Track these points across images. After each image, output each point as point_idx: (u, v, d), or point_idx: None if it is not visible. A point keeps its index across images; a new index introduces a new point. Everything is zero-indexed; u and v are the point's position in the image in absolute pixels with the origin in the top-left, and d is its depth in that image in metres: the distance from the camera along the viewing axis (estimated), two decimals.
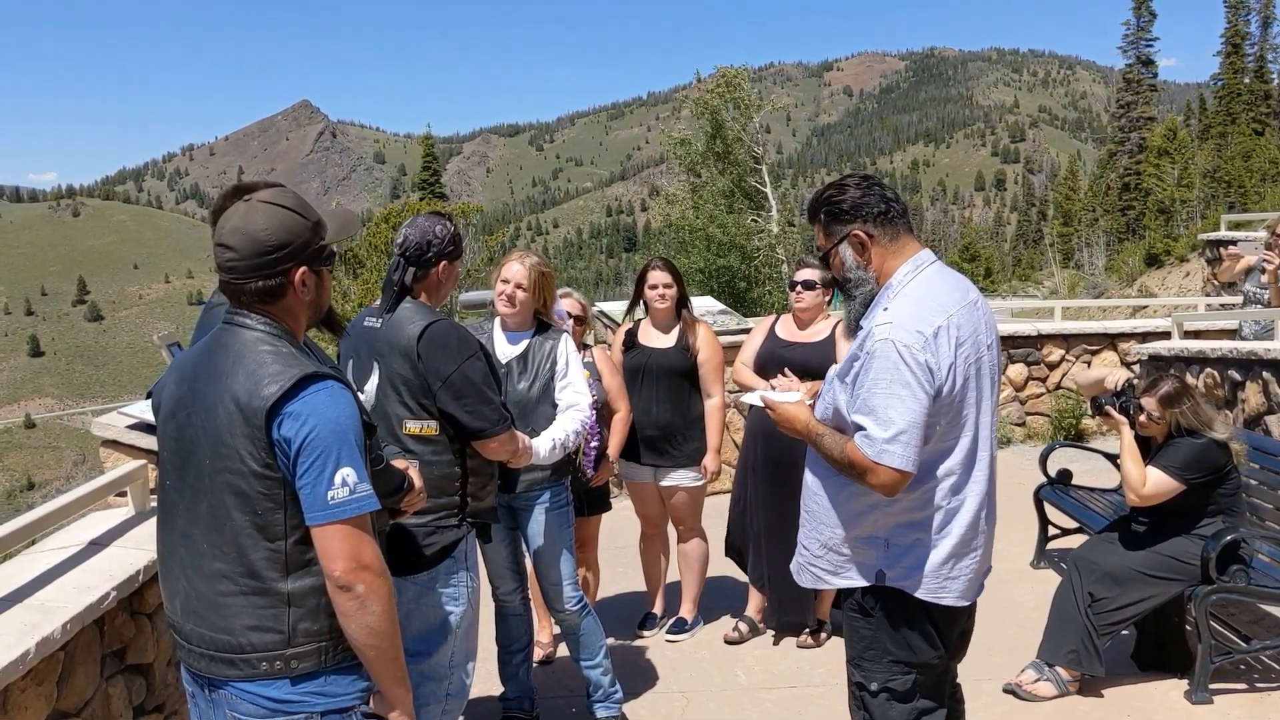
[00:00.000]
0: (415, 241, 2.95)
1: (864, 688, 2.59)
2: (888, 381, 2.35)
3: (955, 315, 2.44)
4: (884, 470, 2.35)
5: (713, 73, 30.04)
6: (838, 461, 2.47)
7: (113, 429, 4.04)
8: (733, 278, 27.49)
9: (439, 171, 54.96)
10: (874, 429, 2.36)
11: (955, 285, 2.55)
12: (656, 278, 4.65)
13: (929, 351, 2.37)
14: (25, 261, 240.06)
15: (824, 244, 2.63)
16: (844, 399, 2.50)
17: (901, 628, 2.53)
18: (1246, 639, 4.12)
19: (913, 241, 2.56)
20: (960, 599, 2.55)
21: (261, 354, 1.92)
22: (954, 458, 2.47)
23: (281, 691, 1.92)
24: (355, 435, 1.90)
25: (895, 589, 2.51)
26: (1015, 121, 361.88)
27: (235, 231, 1.95)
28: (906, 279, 2.50)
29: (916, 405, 2.34)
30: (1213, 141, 36.94)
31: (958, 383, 2.42)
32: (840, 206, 2.56)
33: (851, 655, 2.64)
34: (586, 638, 3.81)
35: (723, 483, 7.23)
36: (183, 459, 1.97)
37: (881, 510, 2.49)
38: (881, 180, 2.66)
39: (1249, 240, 11.06)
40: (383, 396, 2.91)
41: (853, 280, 2.58)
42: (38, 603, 2.68)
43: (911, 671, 2.54)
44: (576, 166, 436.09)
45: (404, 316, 2.91)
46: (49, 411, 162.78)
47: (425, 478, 2.56)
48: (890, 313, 2.43)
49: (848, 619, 2.66)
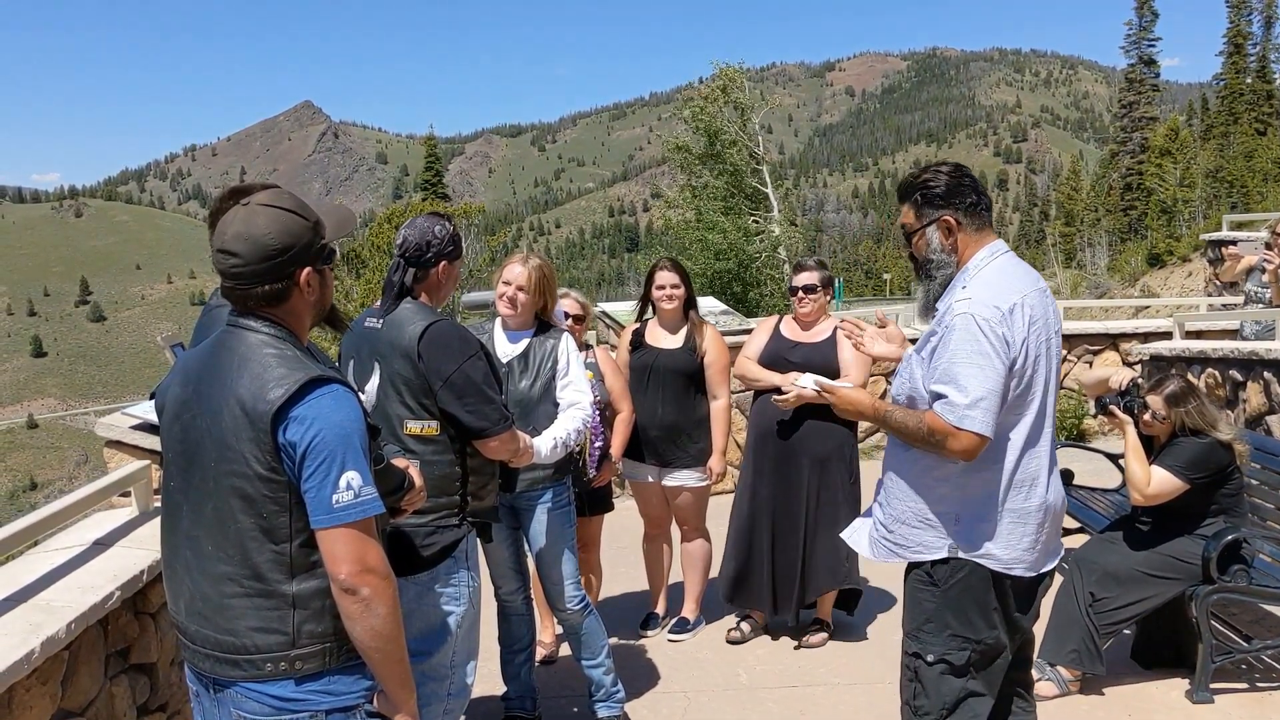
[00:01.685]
0: (414, 242, 2.95)
1: (920, 657, 2.68)
2: (967, 352, 2.49)
3: (1028, 296, 2.59)
4: (965, 435, 2.47)
5: (712, 72, 29.97)
6: (912, 433, 2.59)
7: (117, 429, 4.05)
8: (731, 281, 27.50)
9: (441, 172, 55.00)
10: (955, 395, 2.48)
11: (1026, 272, 2.70)
12: (664, 278, 4.66)
13: (1005, 325, 2.51)
14: (28, 262, 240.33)
15: (911, 224, 2.74)
16: (921, 372, 2.64)
17: (966, 602, 2.63)
18: (1248, 639, 4.12)
19: (991, 232, 2.71)
20: (1029, 570, 2.66)
21: (266, 357, 1.92)
22: (1021, 432, 2.59)
23: (286, 690, 1.93)
24: (360, 439, 1.91)
25: (966, 560, 2.62)
26: (1017, 121, 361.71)
27: (238, 237, 1.94)
28: (983, 263, 2.64)
29: (994, 374, 2.48)
30: (1215, 141, 36.92)
31: (1029, 358, 2.55)
32: (935, 191, 2.68)
33: (910, 627, 2.73)
34: (588, 637, 3.82)
35: (726, 484, 7.26)
36: (187, 461, 1.98)
37: (953, 483, 2.61)
38: (971, 172, 2.79)
39: (1249, 240, 11.06)
40: (383, 397, 2.91)
41: (934, 262, 2.71)
42: (42, 602, 2.68)
43: (968, 648, 2.64)
44: (579, 167, 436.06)
45: (404, 317, 2.91)
46: (51, 412, 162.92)
47: (426, 477, 2.56)
48: (968, 290, 2.58)
49: (912, 590, 2.74)
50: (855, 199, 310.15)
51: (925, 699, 2.68)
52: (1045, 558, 2.71)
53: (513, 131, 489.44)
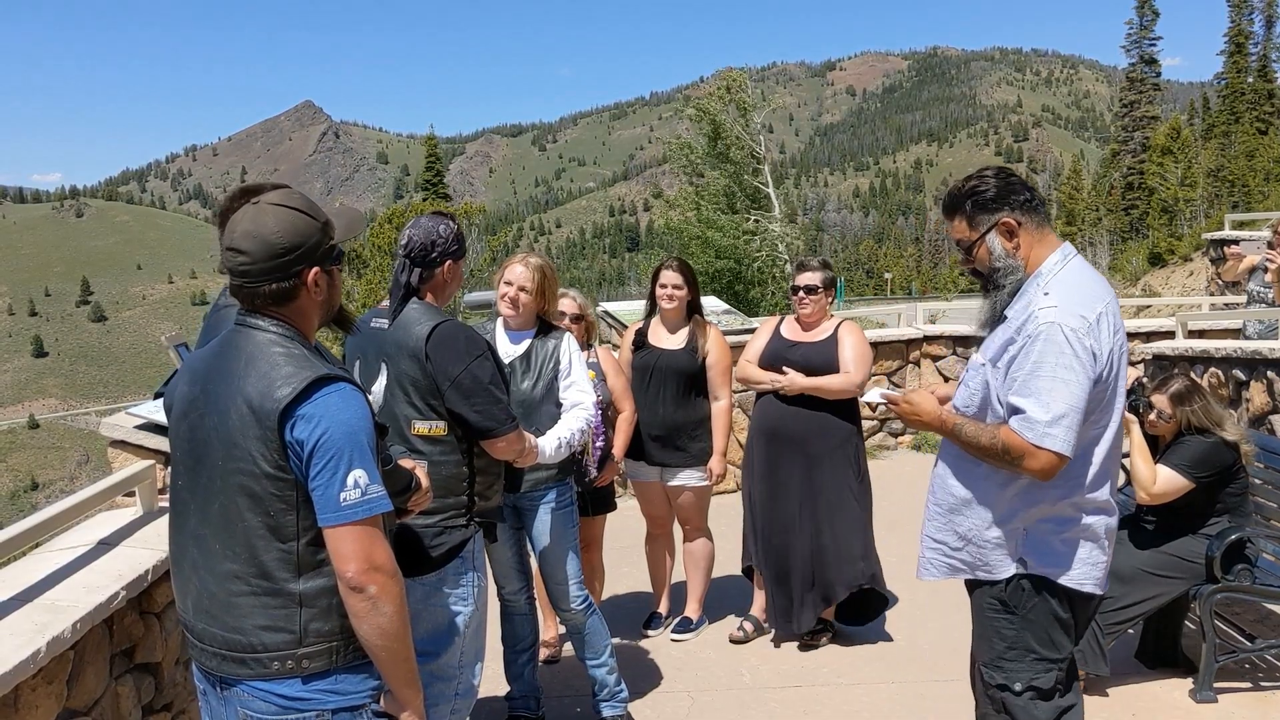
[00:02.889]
0: (419, 242, 2.94)
1: (1006, 688, 2.58)
2: (1052, 365, 2.35)
3: (1110, 304, 2.48)
4: (1044, 454, 2.35)
5: (715, 74, 30.02)
6: (984, 448, 2.46)
7: (121, 429, 4.05)
8: (732, 281, 27.49)
9: (442, 172, 54.99)
10: (1036, 412, 2.35)
11: (1099, 277, 2.58)
12: (667, 278, 4.66)
13: (1092, 337, 2.38)
14: (29, 262, 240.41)
15: (968, 236, 2.60)
16: (996, 383, 2.50)
17: (1046, 622, 2.54)
18: (1251, 638, 4.12)
19: (1051, 231, 2.59)
20: (1097, 587, 2.57)
21: (274, 355, 1.93)
22: (1100, 446, 2.49)
23: (293, 689, 1.93)
24: (367, 437, 1.91)
25: (1038, 578, 2.53)
26: (1018, 121, 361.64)
27: (246, 235, 1.95)
28: (1057, 267, 2.51)
29: (1079, 389, 2.35)
30: (1216, 141, 36.87)
31: (1113, 370, 2.44)
32: (987, 195, 2.56)
33: (989, 657, 2.62)
34: (592, 637, 3.82)
35: (727, 484, 7.26)
36: (195, 459, 1.98)
37: (1024, 498, 2.50)
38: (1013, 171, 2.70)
39: (1252, 239, 11.06)
40: (390, 397, 2.91)
41: (1001, 269, 2.56)
42: (48, 602, 2.69)
43: (1054, 668, 2.56)
44: (579, 166, 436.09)
45: (411, 317, 2.91)
46: (53, 412, 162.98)
47: (433, 478, 2.56)
48: (1052, 297, 2.43)
49: (985, 619, 2.63)
50: (856, 198, 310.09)
51: None
52: (1107, 577, 2.62)
53: (513, 131, 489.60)
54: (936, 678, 4.29)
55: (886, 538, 5.22)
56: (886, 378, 8.60)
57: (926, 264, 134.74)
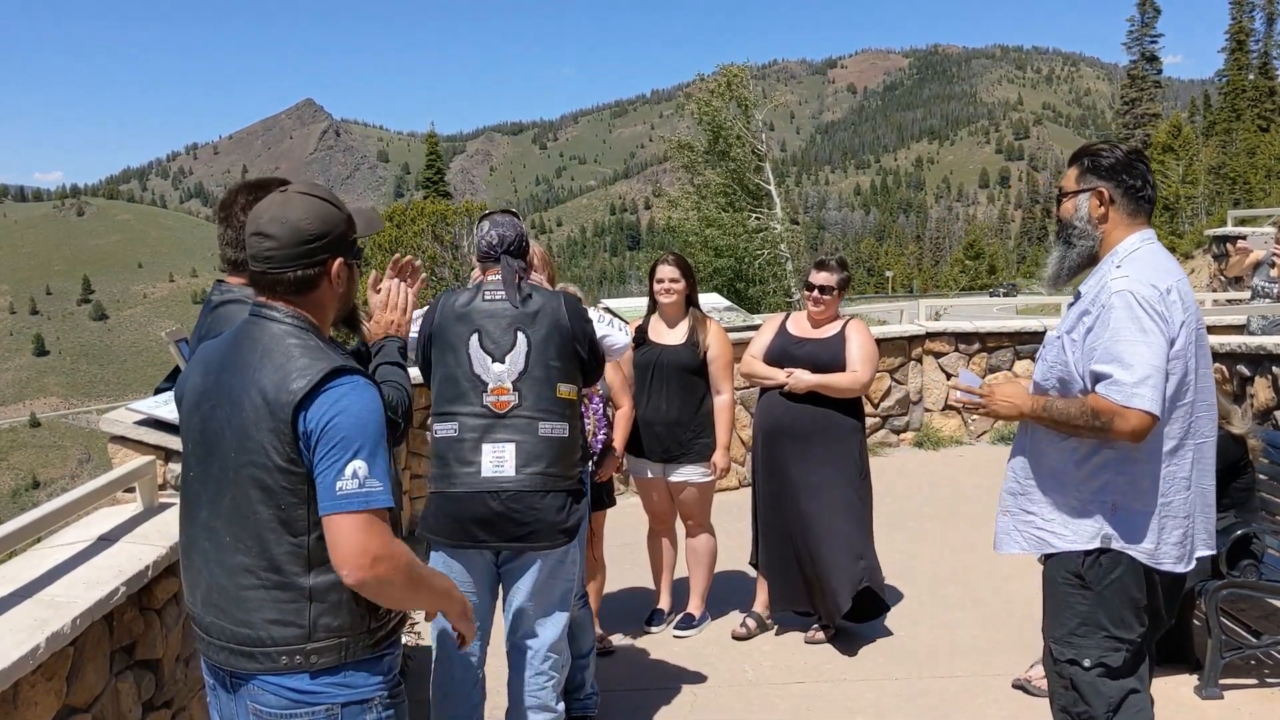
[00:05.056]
0: (513, 237, 3.24)
1: (1076, 663, 2.61)
2: (1130, 329, 2.45)
3: (1181, 280, 2.57)
4: (1134, 413, 2.42)
5: (715, 71, 29.97)
6: (1075, 419, 2.52)
7: (121, 425, 4.03)
8: (733, 278, 27.52)
9: (443, 170, 55.08)
10: (1121, 374, 2.43)
11: (1173, 260, 2.66)
12: (663, 272, 4.65)
13: (1163, 304, 2.48)
14: (30, 261, 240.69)
15: (1069, 186, 2.70)
16: (1074, 356, 2.59)
17: (1120, 601, 2.58)
18: (1257, 634, 4.10)
19: (1145, 222, 2.66)
20: (1176, 564, 2.61)
21: (289, 347, 1.91)
22: (1176, 423, 2.55)
23: (303, 683, 1.92)
24: (375, 430, 1.88)
25: (1117, 554, 2.57)
26: (1019, 118, 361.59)
27: (274, 220, 1.93)
28: (1133, 246, 2.61)
29: (1159, 349, 2.44)
30: (1217, 138, 36.88)
31: (1185, 342, 2.51)
32: (1103, 162, 2.64)
33: (1061, 632, 2.66)
34: (580, 632, 3.79)
35: (730, 481, 7.25)
36: (207, 451, 1.97)
37: (1111, 470, 2.56)
38: (1148, 162, 2.74)
39: (1259, 235, 11.04)
40: (533, 363, 3.08)
41: (1077, 230, 2.67)
42: (48, 598, 2.67)
43: (1123, 648, 2.59)
44: (580, 164, 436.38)
45: (546, 293, 3.19)
46: (54, 410, 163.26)
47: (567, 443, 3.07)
48: (1123, 269, 2.55)
49: (1058, 594, 2.66)
50: (857, 196, 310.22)
51: (1086, 705, 2.60)
52: (1192, 553, 2.65)
53: (514, 129, 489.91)
54: (938, 674, 4.28)
55: (891, 534, 5.22)
56: (890, 375, 8.58)
57: (928, 261, 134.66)
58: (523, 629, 3.14)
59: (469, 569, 3.11)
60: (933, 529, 6.35)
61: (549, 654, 3.14)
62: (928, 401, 8.71)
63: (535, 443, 3.02)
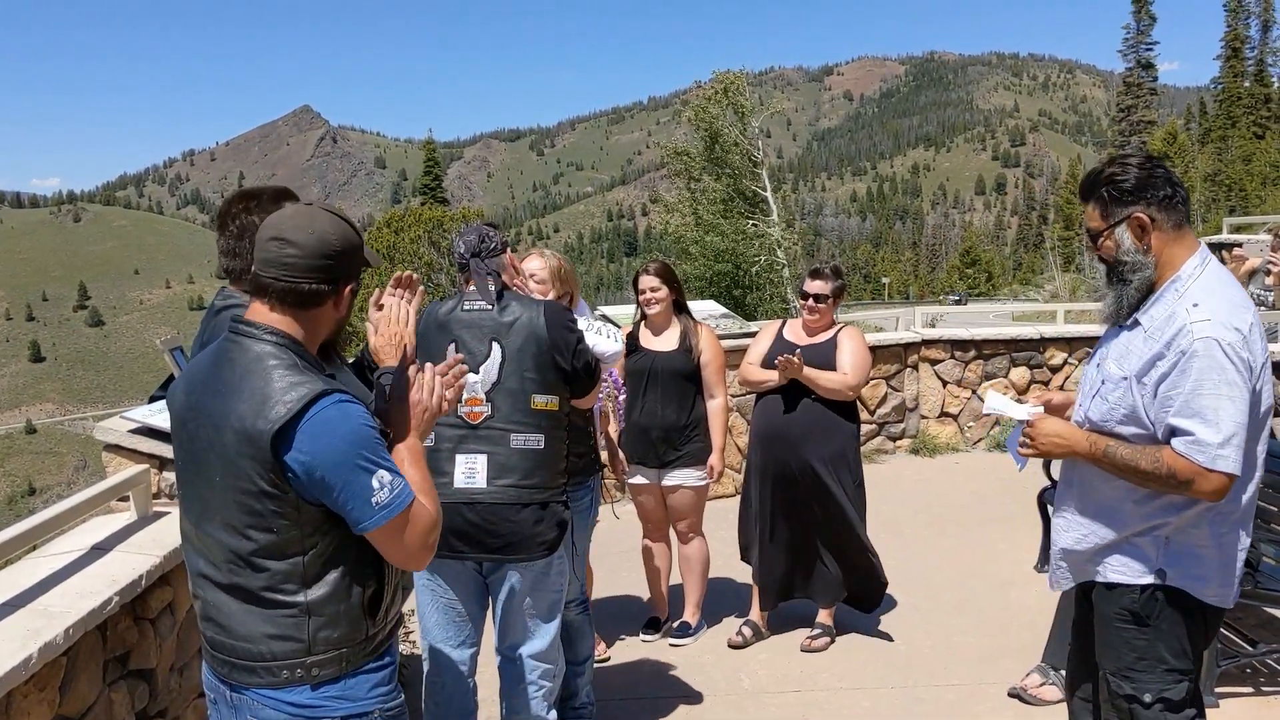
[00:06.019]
0: (475, 240, 3.16)
1: (1135, 699, 2.50)
2: (1215, 382, 2.27)
3: (1253, 312, 2.39)
4: (1216, 476, 2.28)
5: (711, 78, 29.98)
6: (1145, 473, 2.37)
7: (115, 434, 4.02)
8: (731, 285, 27.51)
9: (440, 176, 55.09)
10: (1205, 433, 2.27)
11: (1236, 282, 2.49)
12: (645, 282, 4.68)
13: (1248, 349, 2.31)
14: (26, 267, 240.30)
15: (1098, 225, 2.49)
16: (1143, 400, 2.40)
17: (1179, 633, 2.47)
18: (1253, 642, 4.10)
19: (1190, 231, 2.47)
20: (1225, 601, 2.51)
21: (268, 369, 1.87)
22: (1246, 460, 2.38)
23: (303, 697, 1.92)
24: (371, 436, 1.87)
25: (1173, 590, 2.45)
26: (1015, 125, 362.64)
27: (299, 229, 1.90)
28: (1197, 272, 2.41)
29: (1244, 405, 2.28)
30: (1213, 145, 37.00)
31: (1263, 382, 2.35)
32: (1122, 186, 2.44)
33: (1117, 666, 2.55)
34: (578, 639, 3.78)
35: (724, 486, 7.24)
36: (194, 471, 1.95)
37: (1170, 508, 2.42)
38: (1164, 161, 2.56)
39: (1255, 242, 11.06)
40: (508, 373, 3.04)
41: (1128, 264, 2.46)
42: (40, 608, 2.66)
43: (1184, 680, 2.49)
44: (577, 171, 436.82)
45: (526, 303, 3.12)
46: (50, 417, 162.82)
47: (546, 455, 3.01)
48: (1202, 309, 2.33)
49: (1113, 629, 2.56)
50: (853, 203, 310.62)
51: None
52: (1238, 590, 2.55)
53: (511, 136, 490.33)
54: (935, 682, 4.27)
55: (887, 541, 5.20)
56: (885, 382, 8.58)
57: (924, 268, 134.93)
58: (510, 639, 3.13)
59: (449, 580, 3.09)
60: (929, 535, 6.34)
61: (538, 664, 3.12)
62: (924, 408, 8.71)
63: (508, 454, 2.99)
